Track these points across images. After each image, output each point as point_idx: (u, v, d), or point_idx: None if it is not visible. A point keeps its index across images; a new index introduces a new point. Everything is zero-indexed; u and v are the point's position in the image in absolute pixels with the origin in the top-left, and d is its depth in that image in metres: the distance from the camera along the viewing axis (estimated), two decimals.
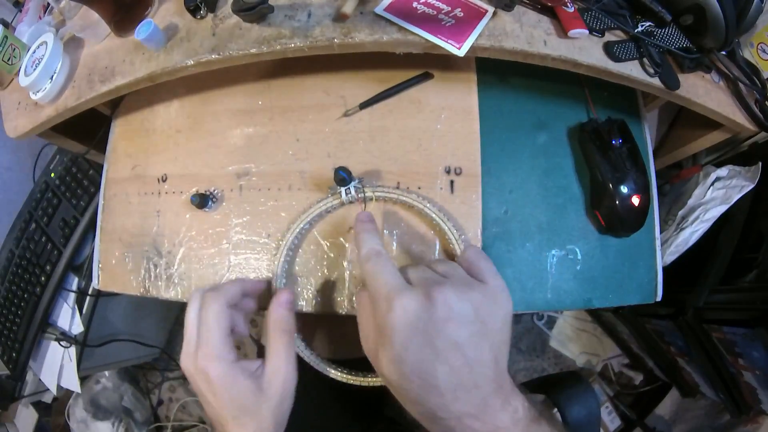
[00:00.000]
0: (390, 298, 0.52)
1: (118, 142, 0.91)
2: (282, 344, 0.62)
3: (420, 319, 0.51)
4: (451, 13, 0.62)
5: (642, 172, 0.72)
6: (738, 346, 1.10)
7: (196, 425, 2.16)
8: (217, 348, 0.60)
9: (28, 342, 1.29)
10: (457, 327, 0.51)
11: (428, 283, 0.54)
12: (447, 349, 0.51)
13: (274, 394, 0.60)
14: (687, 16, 0.67)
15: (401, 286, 0.54)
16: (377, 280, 0.55)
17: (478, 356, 0.52)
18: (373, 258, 0.58)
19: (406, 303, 0.52)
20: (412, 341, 0.51)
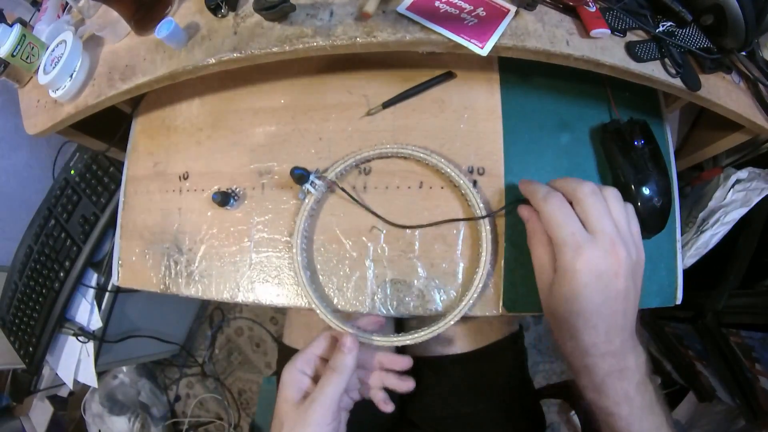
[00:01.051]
0: (579, 247, 0.58)
1: (139, 140, 0.91)
2: (331, 380, 0.68)
3: (601, 271, 0.58)
4: (473, 13, 0.62)
5: (664, 173, 0.72)
6: (755, 350, 1.09)
7: (213, 421, 2.17)
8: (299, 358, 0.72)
9: (45, 336, 1.30)
10: (623, 281, 0.59)
11: (610, 237, 0.59)
12: (614, 297, 0.59)
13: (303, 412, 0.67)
14: (707, 16, 0.66)
15: (588, 237, 0.59)
16: (564, 228, 0.60)
17: (629, 306, 0.61)
18: (556, 202, 0.62)
19: (592, 256, 0.58)
20: (591, 287, 0.58)
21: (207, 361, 2.20)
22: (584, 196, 0.62)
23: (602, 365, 0.61)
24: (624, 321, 0.61)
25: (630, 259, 0.60)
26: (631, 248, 0.61)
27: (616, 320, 0.60)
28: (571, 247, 0.59)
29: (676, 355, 1.49)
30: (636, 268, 0.62)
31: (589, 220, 0.61)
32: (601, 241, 0.59)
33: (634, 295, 0.62)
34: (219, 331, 2.20)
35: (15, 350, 1.39)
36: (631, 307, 0.61)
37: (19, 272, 1.37)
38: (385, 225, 0.74)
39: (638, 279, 0.63)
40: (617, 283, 0.59)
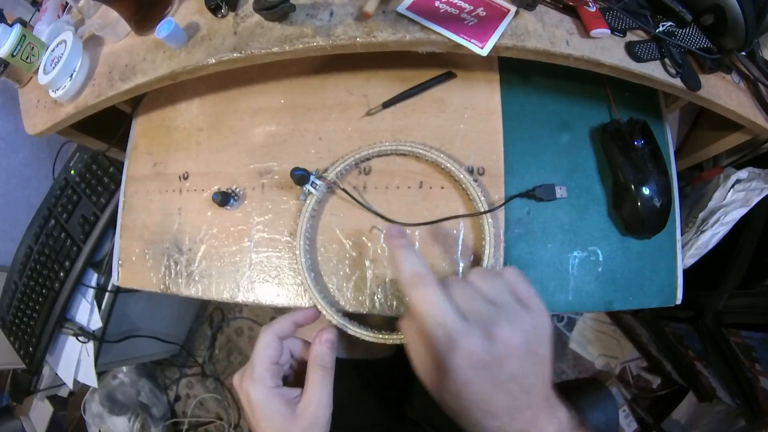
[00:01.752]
0: (452, 339, 0.53)
1: (139, 140, 0.91)
2: (319, 377, 0.65)
3: (482, 359, 0.52)
4: (473, 13, 0.62)
5: (664, 173, 0.72)
6: (755, 350, 1.09)
7: (213, 421, 2.17)
8: (259, 372, 0.65)
9: (45, 337, 1.30)
10: (516, 361, 0.53)
11: (485, 318, 0.54)
12: (506, 381, 0.53)
13: (305, 420, 0.63)
14: (707, 16, 0.67)
15: (460, 326, 0.53)
16: (432, 318, 0.54)
17: (532, 382, 0.55)
18: (420, 286, 0.57)
19: (469, 345, 0.52)
20: (475, 378, 0.53)
21: (207, 361, 2.20)
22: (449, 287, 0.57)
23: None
24: (528, 397, 0.55)
25: (521, 332, 0.54)
26: (519, 318, 0.55)
27: (518, 400, 0.54)
28: (442, 341, 0.53)
29: (676, 355, 1.49)
30: (533, 336, 0.55)
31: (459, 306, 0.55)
32: (475, 329, 0.53)
33: (539, 367, 0.56)
34: (219, 331, 2.20)
35: (15, 350, 1.39)
36: (537, 381, 0.55)
37: (19, 272, 1.37)
38: (385, 225, 0.74)
39: (542, 344, 0.57)
40: (508, 368, 0.53)
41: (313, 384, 0.65)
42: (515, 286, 0.59)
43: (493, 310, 0.55)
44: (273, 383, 0.65)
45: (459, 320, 0.54)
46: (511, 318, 0.55)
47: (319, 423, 0.64)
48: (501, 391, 0.53)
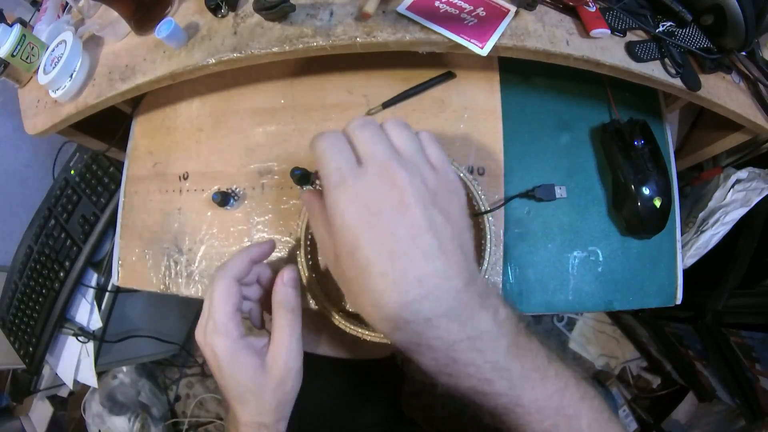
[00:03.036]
0: (343, 182, 0.46)
1: (139, 140, 0.91)
2: (287, 322, 0.62)
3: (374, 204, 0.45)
4: (473, 13, 0.62)
5: (663, 173, 0.72)
6: (755, 350, 1.09)
7: (213, 421, 2.17)
8: (223, 323, 0.59)
9: (45, 336, 1.30)
10: (418, 208, 0.45)
11: (383, 162, 0.47)
12: (407, 235, 0.45)
13: (276, 372, 0.60)
14: (707, 16, 0.67)
15: (354, 171, 0.47)
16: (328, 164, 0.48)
17: (442, 243, 0.45)
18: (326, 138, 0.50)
19: (358, 188, 0.45)
20: (368, 229, 0.45)
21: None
22: (352, 128, 0.50)
23: (437, 334, 0.45)
24: (444, 266, 0.45)
25: (422, 183, 0.47)
26: (423, 172, 0.48)
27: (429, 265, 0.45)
28: (334, 183, 0.46)
29: (676, 355, 1.49)
30: (442, 197, 0.48)
31: (357, 150, 0.49)
32: (369, 168, 0.47)
33: (451, 230, 0.47)
34: None
35: (15, 350, 1.38)
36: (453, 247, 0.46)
37: (19, 272, 1.36)
38: None
39: (454, 211, 0.50)
40: (408, 215, 0.45)
41: (280, 329, 0.61)
42: (427, 147, 0.52)
43: (394, 156, 0.48)
44: (238, 333, 0.60)
45: (354, 162, 0.48)
46: (413, 166, 0.48)
47: (291, 374, 0.61)
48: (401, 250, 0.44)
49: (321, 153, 0.49)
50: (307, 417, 0.86)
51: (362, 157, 0.48)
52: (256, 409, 0.60)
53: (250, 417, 0.61)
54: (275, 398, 0.60)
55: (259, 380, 0.59)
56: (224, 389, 0.61)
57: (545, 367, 0.50)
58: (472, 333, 0.46)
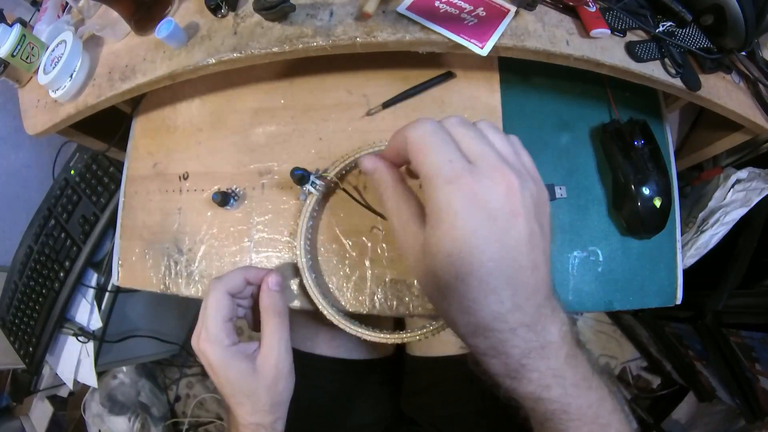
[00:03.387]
0: (458, 178, 0.43)
1: (139, 140, 0.91)
2: (274, 326, 0.65)
3: (493, 208, 0.43)
4: (473, 13, 0.62)
5: (663, 173, 0.72)
6: (755, 350, 1.09)
7: (213, 421, 2.17)
8: (214, 333, 0.63)
9: (45, 336, 1.30)
10: (526, 220, 0.44)
11: (493, 164, 0.45)
12: (515, 246, 0.44)
13: (267, 374, 0.63)
14: (707, 16, 0.66)
15: (466, 164, 0.45)
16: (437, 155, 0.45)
17: (536, 258, 0.45)
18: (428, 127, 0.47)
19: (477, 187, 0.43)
20: (481, 233, 0.43)
21: None
22: (454, 124, 0.48)
23: (516, 342, 0.46)
24: (535, 280, 0.45)
25: (529, 194, 0.45)
26: (527, 179, 0.46)
27: (525, 279, 0.44)
28: (446, 177, 0.44)
29: (676, 355, 1.49)
30: (540, 210, 0.47)
31: (466, 148, 0.46)
32: (484, 169, 0.44)
33: (544, 244, 0.47)
34: None
35: (15, 350, 1.39)
36: (542, 261, 0.46)
37: (19, 272, 1.37)
38: (385, 225, 0.74)
39: (545, 222, 0.48)
40: (518, 225, 0.44)
41: (269, 334, 0.64)
42: (521, 153, 0.51)
43: (501, 160, 0.46)
44: (229, 341, 0.64)
45: (465, 159, 0.45)
46: (522, 177, 0.46)
47: (282, 374, 0.64)
48: (509, 257, 0.43)
49: (426, 142, 0.46)
50: (307, 416, 0.87)
51: (473, 156, 0.46)
52: (251, 410, 0.63)
53: (248, 417, 0.64)
54: (269, 399, 0.64)
55: (251, 383, 0.63)
56: (221, 392, 0.65)
57: (590, 378, 0.51)
58: (543, 342, 0.47)
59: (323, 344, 0.92)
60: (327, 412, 0.90)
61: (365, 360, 0.96)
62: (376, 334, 0.70)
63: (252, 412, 0.64)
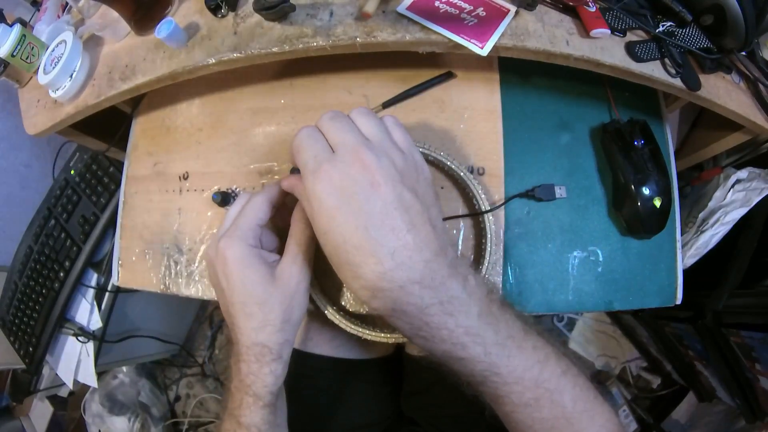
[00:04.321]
0: (318, 169, 0.51)
1: (139, 140, 0.91)
2: (303, 238, 0.62)
3: (346, 185, 0.50)
4: (473, 13, 0.62)
5: (663, 173, 0.72)
6: (755, 350, 1.09)
7: (213, 421, 2.17)
8: (243, 231, 0.61)
9: (45, 336, 1.30)
10: (388, 187, 0.50)
11: (353, 147, 0.51)
12: (381, 211, 0.49)
13: (285, 283, 0.60)
14: (707, 16, 0.66)
15: (328, 157, 0.51)
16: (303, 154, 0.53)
17: (411, 218, 0.50)
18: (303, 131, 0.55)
19: (332, 171, 0.50)
20: (341, 208, 0.49)
21: (207, 361, 2.19)
22: (323, 120, 0.55)
23: (410, 300, 0.50)
24: (415, 239, 0.50)
25: (390, 164, 0.51)
26: (390, 154, 0.53)
27: (402, 239, 0.49)
28: (311, 170, 0.51)
29: (676, 355, 1.49)
30: (409, 176, 0.53)
31: (330, 139, 0.53)
32: (341, 154, 0.51)
33: (419, 206, 0.51)
34: (219, 331, 2.19)
35: (15, 350, 1.39)
36: (421, 221, 0.51)
37: (19, 272, 1.37)
38: None
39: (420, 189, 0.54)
40: (380, 193, 0.49)
41: (295, 243, 0.62)
42: (393, 132, 0.57)
43: (363, 141, 0.52)
44: (254, 243, 0.61)
45: (328, 150, 0.52)
46: (381, 150, 0.52)
47: (299, 290, 0.61)
48: (376, 221, 0.49)
49: (298, 145, 0.54)
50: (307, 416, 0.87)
51: (334, 145, 0.52)
52: (260, 323, 0.59)
53: (254, 336, 0.59)
54: (281, 313, 0.60)
55: (266, 289, 0.59)
56: (228, 301, 0.61)
57: (521, 338, 0.53)
58: (443, 298, 0.50)
59: (323, 344, 0.92)
60: (327, 412, 0.90)
61: (365, 360, 0.96)
62: (377, 333, 0.69)
63: (260, 326, 0.59)
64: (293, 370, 0.65)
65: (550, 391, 0.53)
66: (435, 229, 0.52)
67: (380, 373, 0.99)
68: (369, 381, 0.96)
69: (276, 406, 0.63)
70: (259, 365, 0.60)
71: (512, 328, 0.53)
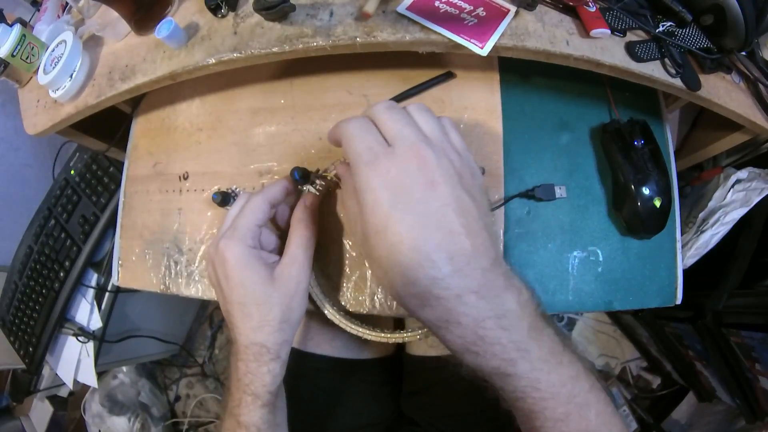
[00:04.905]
0: (374, 160, 0.49)
1: (139, 140, 0.91)
2: (302, 239, 0.63)
3: (405, 181, 0.47)
4: (473, 13, 0.62)
5: (664, 173, 0.72)
6: (755, 350, 1.09)
7: (213, 421, 2.17)
8: (242, 232, 0.61)
9: (45, 336, 1.31)
10: (447, 187, 0.48)
11: (412, 143, 0.49)
12: (439, 212, 0.47)
13: (284, 284, 0.60)
14: (707, 16, 0.66)
15: (385, 150, 0.49)
16: (357, 144, 0.51)
17: (469, 222, 0.48)
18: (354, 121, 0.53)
19: (390, 165, 0.48)
20: (399, 206, 0.47)
21: (207, 361, 2.19)
22: (378, 111, 0.53)
23: (465, 310, 0.47)
24: (473, 244, 0.47)
25: (449, 165, 0.49)
26: (449, 154, 0.51)
27: (460, 243, 0.47)
28: (365, 162, 0.49)
29: (676, 355, 1.49)
30: (466, 180, 0.51)
31: (386, 132, 0.51)
32: (400, 148, 0.49)
33: (476, 211, 0.49)
34: (219, 331, 2.19)
35: (15, 350, 1.39)
36: (478, 228, 0.49)
37: (19, 272, 1.37)
38: None
39: (475, 193, 0.51)
40: (437, 193, 0.47)
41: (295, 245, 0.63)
42: (449, 132, 0.56)
43: (422, 138, 0.50)
44: (253, 244, 0.62)
45: (384, 143, 0.50)
46: (440, 149, 0.50)
47: (298, 291, 0.62)
48: (433, 222, 0.47)
49: (350, 134, 0.51)
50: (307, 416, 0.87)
51: (391, 138, 0.50)
52: (258, 323, 0.60)
53: (252, 335, 0.60)
54: (280, 313, 0.60)
55: (265, 290, 0.59)
56: (227, 301, 0.61)
57: (560, 353, 0.51)
58: (499, 311, 0.48)
59: (324, 344, 0.92)
60: (327, 412, 0.90)
61: (365, 360, 0.96)
62: (377, 333, 0.69)
63: (258, 326, 0.60)
64: (293, 370, 0.66)
65: (579, 405, 0.51)
66: (491, 237, 0.50)
67: (380, 373, 0.99)
68: (369, 381, 0.96)
69: (275, 406, 0.63)
70: (258, 364, 0.60)
71: (554, 343, 0.52)
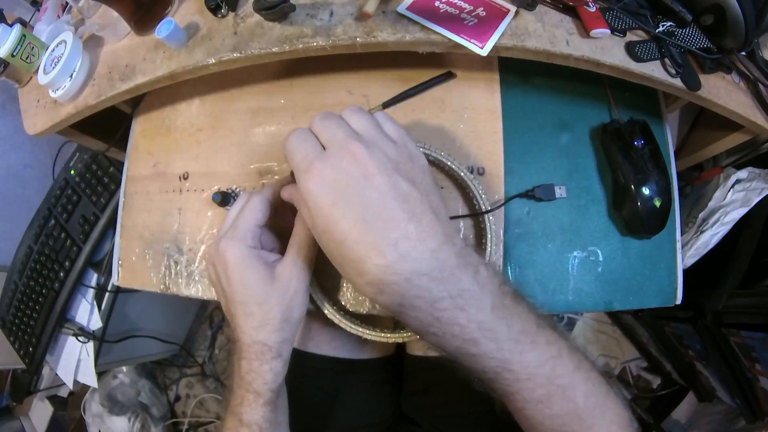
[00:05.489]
0: (310, 167, 0.49)
1: (139, 140, 0.91)
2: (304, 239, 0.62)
3: (339, 179, 0.48)
4: (473, 13, 0.62)
5: (663, 173, 0.72)
6: (755, 350, 1.09)
7: (213, 421, 2.17)
8: (242, 232, 0.61)
9: (45, 337, 1.30)
10: (383, 176, 0.48)
11: (343, 143, 0.50)
12: (379, 202, 0.48)
13: (284, 284, 0.61)
14: (707, 16, 0.66)
15: (318, 155, 0.50)
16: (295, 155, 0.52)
17: (411, 207, 0.49)
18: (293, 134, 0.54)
19: (323, 167, 0.49)
20: (338, 204, 0.48)
21: (207, 361, 2.19)
22: (314, 121, 0.54)
23: (418, 293, 0.48)
24: (417, 228, 0.48)
25: (382, 155, 0.50)
26: (382, 145, 0.52)
27: (404, 229, 0.47)
28: (303, 170, 0.50)
29: (676, 355, 1.49)
30: (404, 166, 0.52)
31: (320, 138, 0.52)
32: (331, 149, 0.50)
33: (418, 194, 0.50)
34: (219, 331, 2.19)
35: (15, 350, 1.39)
36: (423, 210, 0.49)
37: (19, 272, 1.37)
38: None
39: (417, 177, 0.52)
40: (374, 184, 0.48)
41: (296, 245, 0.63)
42: (384, 124, 0.56)
43: (353, 135, 0.51)
44: (253, 244, 0.62)
45: (319, 149, 0.51)
46: (372, 142, 0.51)
47: (299, 290, 0.62)
48: (374, 212, 0.47)
49: (289, 148, 0.53)
50: (307, 416, 0.87)
51: (325, 143, 0.52)
52: (259, 323, 0.60)
53: (254, 334, 0.60)
54: (280, 312, 0.60)
55: (266, 289, 0.60)
56: (228, 301, 0.62)
57: (535, 332, 0.52)
58: (453, 291, 0.48)
59: (324, 344, 0.92)
60: (327, 412, 0.90)
61: (365, 360, 0.96)
62: (377, 333, 0.69)
63: (260, 325, 0.60)
64: (293, 370, 0.66)
65: (562, 387, 0.51)
66: (438, 217, 0.51)
67: (380, 373, 0.99)
68: (369, 381, 0.96)
69: (276, 405, 0.63)
70: (260, 363, 0.61)
71: (526, 322, 0.51)
